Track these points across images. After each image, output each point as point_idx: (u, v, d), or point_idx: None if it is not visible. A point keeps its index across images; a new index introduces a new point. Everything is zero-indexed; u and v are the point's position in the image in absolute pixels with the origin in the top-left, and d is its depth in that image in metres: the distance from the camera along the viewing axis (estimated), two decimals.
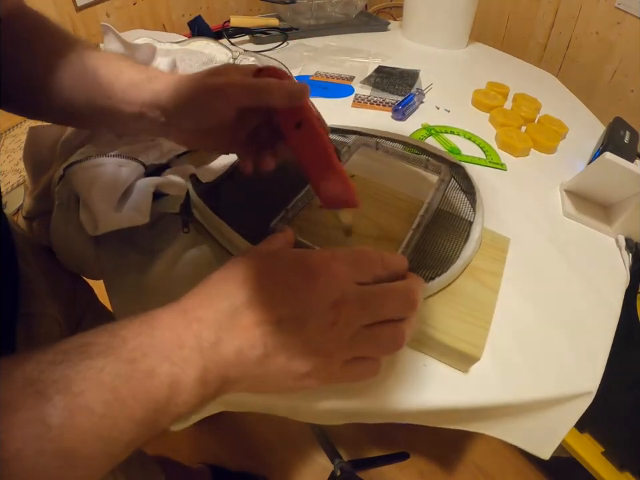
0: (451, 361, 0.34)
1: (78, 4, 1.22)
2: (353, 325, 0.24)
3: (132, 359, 0.20)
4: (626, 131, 0.62)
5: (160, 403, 0.21)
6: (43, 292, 0.38)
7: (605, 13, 1.05)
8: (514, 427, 0.36)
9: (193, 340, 0.22)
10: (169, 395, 0.21)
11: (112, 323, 0.22)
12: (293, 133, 0.32)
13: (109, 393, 0.19)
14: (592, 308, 0.41)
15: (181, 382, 0.21)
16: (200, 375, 0.22)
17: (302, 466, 0.87)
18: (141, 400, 0.20)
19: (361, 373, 0.27)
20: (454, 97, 0.73)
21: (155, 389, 0.20)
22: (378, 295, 0.25)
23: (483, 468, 0.88)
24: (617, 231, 0.49)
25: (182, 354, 0.22)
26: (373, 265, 0.27)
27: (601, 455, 0.67)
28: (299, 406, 0.32)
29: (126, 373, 0.20)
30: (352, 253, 0.27)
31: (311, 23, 0.92)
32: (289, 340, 0.24)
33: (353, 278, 0.25)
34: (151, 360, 0.21)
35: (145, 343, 0.21)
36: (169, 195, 0.39)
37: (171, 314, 0.24)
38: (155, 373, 0.21)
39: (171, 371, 0.21)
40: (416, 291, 0.26)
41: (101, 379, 0.19)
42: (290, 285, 0.25)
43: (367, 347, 0.26)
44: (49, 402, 0.18)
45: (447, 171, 0.47)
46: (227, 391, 0.24)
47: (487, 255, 0.40)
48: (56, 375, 0.18)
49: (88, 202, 0.35)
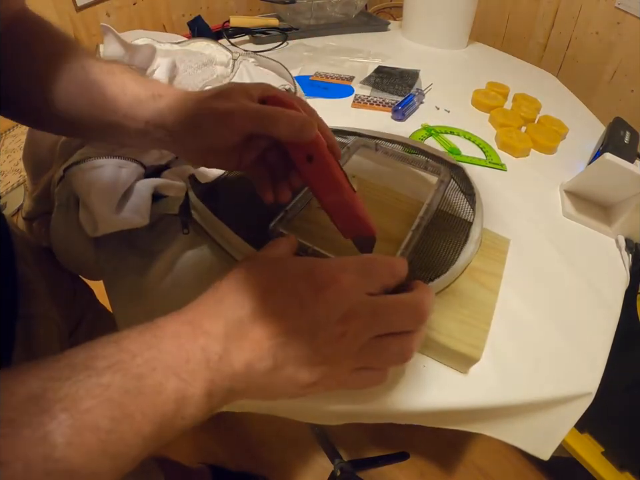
0: (450, 362, 0.34)
1: (78, 4, 1.23)
2: (362, 337, 0.24)
3: (140, 375, 0.20)
4: (626, 131, 0.62)
5: (166, 417, 0.20)
6: (42, 293, 0.38)
7: (605, 13, 1.04)
8: (513, 427, 0.36)
9: (200, 353, 0.22)
10: (176, 409, 0.21)
11: (117, 334, 0.22)
12: (305, 166, 0.32)
13: (117, 409, 0.19)
14: (592, 308, 0.41)
15: (187, 396, 0.21)
16: (207, 388, 0.22)
17: (302, 466, 0.87)
18: (148, 415, 0.20)
19: (367, 382, 0.27)
20: (454, 97, 0.73)
21: (163, 404, 0.20)
22: (388, 307, 0.25)
23: (482, 468, 0.88)
24: (617, 232, 0.49)
25: (189, 368, 0.22)
26: (382, 275, 0.26)
27: (601, 455, 0.67)
28: (299, 407, 0.32)
29: (134, 389, 0.20)
30: (361, 262, 0.26)
31: (311, 22, 0.92)
32: (298, 352, 0.24)
33: (362, 288, 0.25)
34: (159, 375, 0.21)
35: (153, 358, 0.21)
36: (168, 196, 0.39)
37: (177, 325, 0.23)
38: (162, 388, 0.20)
39: (178, 386, 0.21)
40: (426, 304, 0.26)
41: (109, 395, 0.19)
42: (299, 296, 0.24)
43: (375, 358, 0.26)
44: (54, 420, 0.17)
45: (446, 172, 0.47)
46: (232, 400, 0.24)
47: (486, 255, 0.40)
48: (62, 392, 0.18)
49: (87, 203, 0.35)
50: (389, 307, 0.25)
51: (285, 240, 0.31)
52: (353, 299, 0.24)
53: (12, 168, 1.55)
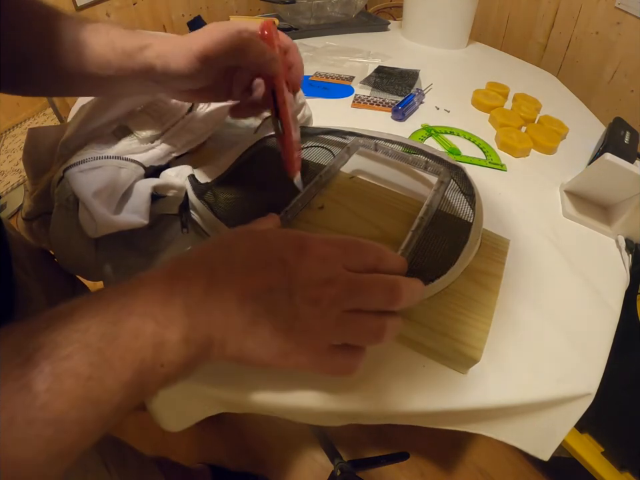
0: (450, 362, 0.34)
1: (78, 4, 1.23)
2: (337, 306, 0.25)
3: (117, 320, 0.20)
4: (626, 131, 0.62)
5: (145, 363, 0.20)
6: (38, 296, 0.38)
7: (605, 13, 1.04)
8: (513, 428, 0.36)
9: (179, 298, 0.22)
10: (154, 354, 0.21)
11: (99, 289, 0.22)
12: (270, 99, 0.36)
13: (95, 354, 0.19)
14: (592, 308, 0.41)
15: (165, 341, 0.21)
16: (185, 334, 0.22)
17: (302, 466, 0.87)
18: (127, 360, 0.20)
19: (340, 367, 0.26)
20: (454, 97, 0.73)
21: (141, 348, 0.20)
22: (364, 282, 0.25)
23: (483, 468, 0.88)
24: (617, 232, 0.49)
25: (166, 312, 0.22)
26: (365, 254, 0.27)
27: (601, 455, 0.67)
28: (298, 408, 0.32)
29: (111, 334, 0.20)
30: (346, 239, 0.27)
31: (311, 22, 0.92)
32: (276, 309, 0.24)
33: (342, 262, 0.26)
34: (136, 319, 0.21)
35: (130, 303, 0.21)
36: (168, 196, 0.39)
37: (158, 273, 0.23)
38: (139, 332, 0.20)
39: (155, 330, 0.21)
40: (404, 288, 0.26)
41: (87, 340, 0.19)
42: (283, 257, 0.25)
43: (350, 333, 0.26)
44: (35, 368, 0.17)
45: (446, 173, 0.47)
46: (212, 356, 0.24)
47: (486, 256, 0.40)
48: (41, 340, 0.18)
49: (87, 204, 0.35)
50: (365, 282, 0.26)
51: (270, 217, 0.33)
52: (333, 270, 0.25)
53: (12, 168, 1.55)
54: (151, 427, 0.75)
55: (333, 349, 0.26)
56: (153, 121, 0.43)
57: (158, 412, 0.36)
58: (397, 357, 0.35)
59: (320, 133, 0.52)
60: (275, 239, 0.26)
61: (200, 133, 0.46)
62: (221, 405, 0.36)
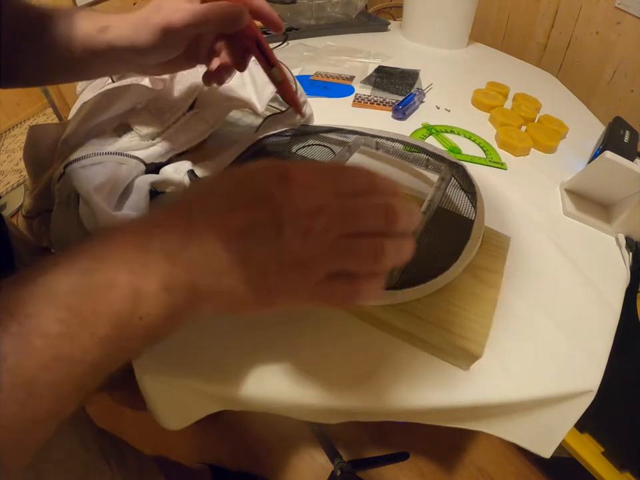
0: (452, 358, 0.34)
1: (78, 4, 1.23)
2: (330, 233, 0.23)
3: (88, 270, 0.18)
4: (626, 131, 0.62)
5: (122, 316, 0.19)
6: None
7: (605, 13, 1.05)
8: (515, 425, 0.36)
9: (158, 243, 0.21)
10: (132, 306, 0.19)
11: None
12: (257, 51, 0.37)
13: (65, 310, 0.17)
14: (592, 307, 0.41)
15: (142, 290, 0.19)
16: (165, 282, 0.20)
17: (302, 466, 0.87)
18: (101, 313, 0.18)
19: (339, 293, 0.24)
20: (454, 97, 0.73)
21: (115, 300, 0.19)
22: (357, 207, 0.24)
23: (483, 468, 0.88)
24: (617, 230, 0.49)
25: (144, 260, 0.20)
26: (354, 178, 0.25)
27: (601, 455, 0.67)
28: (298, 404, 0.32)
29: (82, 286, 0.18)
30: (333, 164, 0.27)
31: (311, 23, 0.92)
32: (264, 244, 0.22)
33: (332, 188, 0.24)
34: (108, 268, 0.19)
35: (103, 251, 0.19)
36: (167, 191, 0.39)
37: (135, 222, 0.22)
38: (113, 283, 0.19)
39: (131, 280, 0.19)
40: (399, 209, 0.24)
41: (54, 294, 0.17)
42: (267, 190, 0.23)
43: (347, 258, 0.24)
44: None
45: (447, 170, 0.47)
46: (199, 305, 0.22)
47: (487, 253, 0.40)
48: (5, 297, 0.17)
49: (88, 200, 0.35)
50: (357, 207, 0.24)
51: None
52: (322, 197, 0.23)
53: (12, 168, 1.55)
54: (151, 426, 0.75)
55: (330, 277, 0.24)
56: (153, 119, 0.43)
57: (158, 410, 0.36)
58: (397, 353, 0.35)
59: (321, 131, 0.52)
60: (257, 173, 0.24)
61: (200, 130, 0.46)
62: (221, 403, 0.36)
